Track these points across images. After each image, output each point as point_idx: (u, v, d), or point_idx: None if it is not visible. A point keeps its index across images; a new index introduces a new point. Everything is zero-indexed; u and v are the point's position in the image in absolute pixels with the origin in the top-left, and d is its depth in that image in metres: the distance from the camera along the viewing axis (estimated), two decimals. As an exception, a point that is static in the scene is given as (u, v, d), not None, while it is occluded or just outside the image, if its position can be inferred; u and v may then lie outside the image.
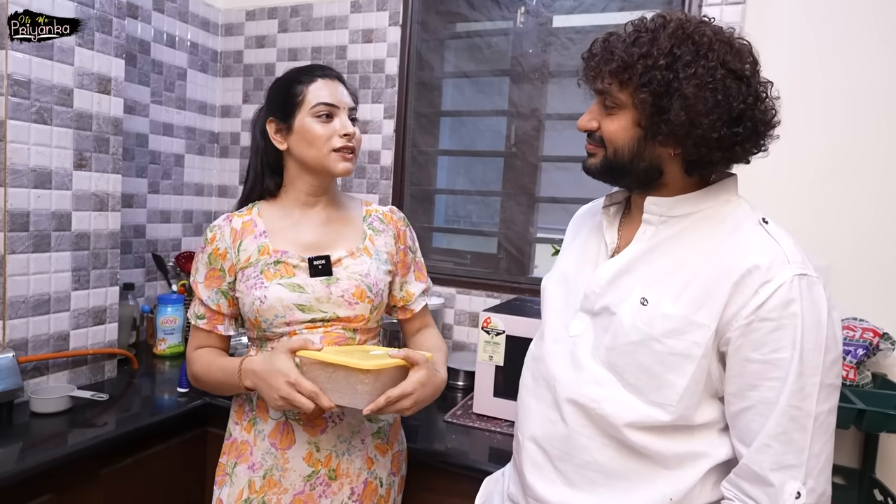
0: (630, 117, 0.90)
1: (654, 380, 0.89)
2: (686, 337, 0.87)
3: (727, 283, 0.85)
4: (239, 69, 2.43)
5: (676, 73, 0.84)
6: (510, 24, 2.04)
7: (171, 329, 2.06)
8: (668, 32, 0.87)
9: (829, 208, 1.68)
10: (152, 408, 1.65)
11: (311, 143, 1.18)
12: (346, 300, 1.19)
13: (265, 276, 1.18)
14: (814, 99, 1.67)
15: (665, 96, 0.85)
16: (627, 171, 0.94)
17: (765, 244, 0.87)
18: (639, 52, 0.86)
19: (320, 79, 1.20)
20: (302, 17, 2.30)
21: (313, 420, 1.18)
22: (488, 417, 1.67)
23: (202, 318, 1.25)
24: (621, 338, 0.91)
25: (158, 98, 2.21)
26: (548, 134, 2.02)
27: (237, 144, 2.46)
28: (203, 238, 1.26)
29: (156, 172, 2.24)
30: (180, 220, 2.36)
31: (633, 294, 0.92)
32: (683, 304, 0.88)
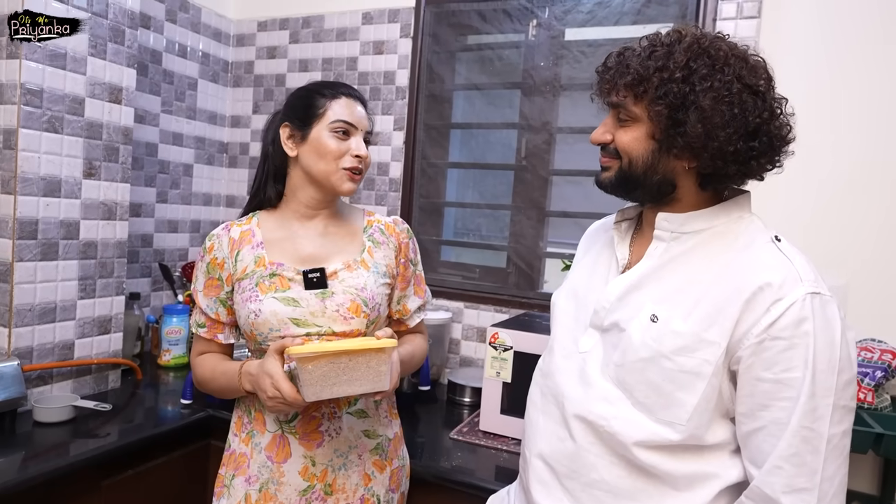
0: (644, 129, 0.90)
1: (664, 398, 0.87)
2: (696, 354, 0.85)
3: (738, 300, 0.83)
4: (249, 79, 2.44)
5: (693, 86, 0.84)
6: (522, 37, 2.04)
7: (176, 340, 2.05)
8: (683, 46, 0.87)
9: (846, 227, 1.64)
10: (155, 419, 1.63)
11: (322, 157, 1.17)
12: (340, 315, 1.17)
13: (260, 288, 1.16)
14: (827, 115, 1.65)
15: (681, 109, 0.85)
16: (641, 183, 0.93)
17: (777, 262, 0.85)
18: (654, 66, 0.86)
19: (345, 97, 1.20)
20: (314, 29, 2.30)
21: (310, 433, 1.16)
22: (495, 435, 1.64)
23: (202, 326, 1.24)
24: (631, 355, 0.90)
25: (169, 108, 2.22)
26: (559, 147, 2.00)
27: (246, 155, 2.46)
28: (202, 247, 1.25)
29: (164, 182, 2.24)
30: (188, 229, 2.36)
31: (643, 310, 0.91)
32: (694, 321, 0.86)
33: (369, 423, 1.22)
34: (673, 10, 1.83)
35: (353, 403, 1.20)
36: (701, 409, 0.85)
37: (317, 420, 1.16)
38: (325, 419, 1.17)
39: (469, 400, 1.91)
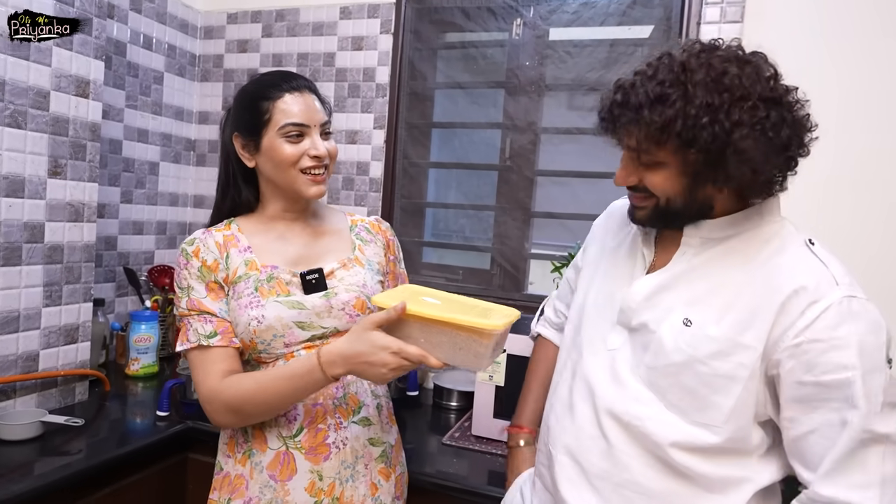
0: (674, 170, 0.87)
1: (699, 401, 0.87)
2: (732, 358, 0.84)
3: (773, 304, 0.83)
4: (219, 74, 2.33)
5: (722, 125, 0.80)
6: (506, 35, 2.01)
7: (146, 348, 1.94)
8: (696, 81, 0.81)
9: (838, 229, 1.68)
10: (130, 433, 1.54)
11: (279, 165, 1.11)
12: (346, 313, 1.13)
13: (260, 293, 1.10)
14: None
15: (717, 152, 0.81)
16: (681, 214, 0.91)
17: (811, 265, 0.85)
18: (673, 113, 0.81)
19: (288, 93, 1.11)
20: (288, 22, 2.22)
21: (317, 447, 1.10)
22: (488, 440, 1.61)
23: (214, 335, 1.09)
24: (663, 359, 0.89)
25: (133, 102, 2.10)
26: (544, 148, 1.99)
27: (215, 153, 2.35)
28: (182, 254, 1.13)
29: (129, 181, 2.12)
30: (154, 231, 2.24)
31: (673, 313, 0.90)
32: (727, 325, 0.85)
33: (374, 431, 1.17)
34: (657, 12, 1.85)
35: (357, 411, 1.15)
36: (738, 412, 0.85)
37: (323, 432, 1.11)
38: (332, 430, 1.11)
39: (456, 404, 1.88)
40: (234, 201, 1.20)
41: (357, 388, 1.16)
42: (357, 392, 1.16)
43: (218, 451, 1.20)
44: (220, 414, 1.08)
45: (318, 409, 1.11)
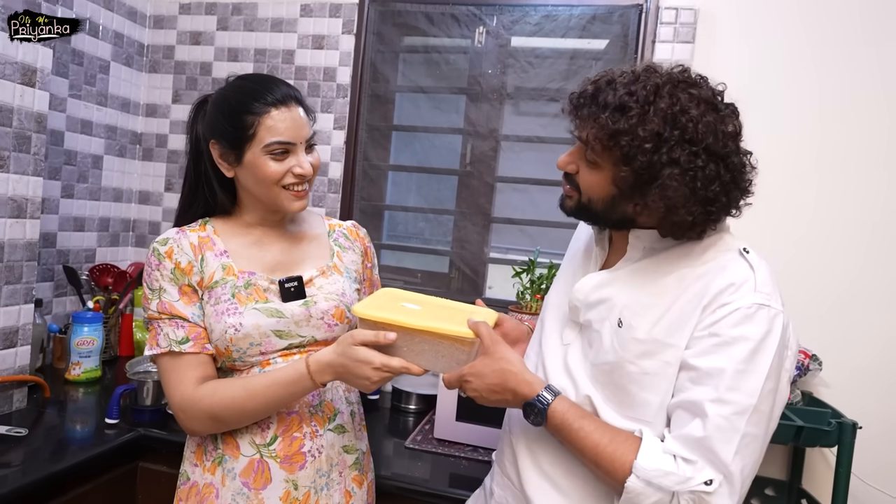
0: (608, 177, 0.91)
1: (630, 398, 0.92)
2: (658, 357, 0.90)
3: (699, 305, 0.88)
4: (169, 65, 2.24)
5: (660, 158, 0.84)
6: (469, 42, 2.04)
7: (88, 352, 1.84)
8: (657, 108, 0.85)
9: (771, 236, 1.80)
10: (76, 443, 1.46)
11: (261, 182, 1.08)
12: (325, 322, 1.12)
13: (238, 299, 1.07)
14: (758, 139, 1.80)
15: (645, 179, 0.86)
16: (601, 217, 0.98)
17: (739, 270, 0.89)
18: (626, 127, 0.85)
19: (274, 108, 1.05)
20: (245, 17, 2.16)
21: (292, 456, 1.09)
22: (450, 442, 1.63)
23: (186, 341, 1.06)
24: (602, 356, 0.95)
25: (77, 92, 1.98)
26: (504, 155, 2.03)
27: (163, 147, 2.26)
28: (153, 254, 1.09)
29: (71, 174, 2.00)
30: (95, 228, 2.13)
31: (612, 314, 0.95)
32: (659, 329, 0.90)
33: (348, 438, 1.17)
34: (615, 28, 1.92)
35: (332, 419, 1.14)
36: (665, 407, 0.89)
37: (299, 440, 1.09)
38: (308, 438, 1.10)
39: (415, 407, 1.88)
40: (206, 204, 1.16)
41: (333, 396, 1.15)
42: (333, 399, 1.15)
43: (184, 459, 1.16)
44: (198, 422, 1.05)
45: (294, 418, 1.10)
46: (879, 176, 1.74)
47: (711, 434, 0.82)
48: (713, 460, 0.83)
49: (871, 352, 1.75)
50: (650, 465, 0.84)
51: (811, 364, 1.71)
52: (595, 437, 0.90)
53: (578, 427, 0.90)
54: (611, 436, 0.90)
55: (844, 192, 1.76)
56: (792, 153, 1.79)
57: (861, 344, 1.75)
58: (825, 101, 1.77)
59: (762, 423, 0.85)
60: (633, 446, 0.87)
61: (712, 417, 0.83)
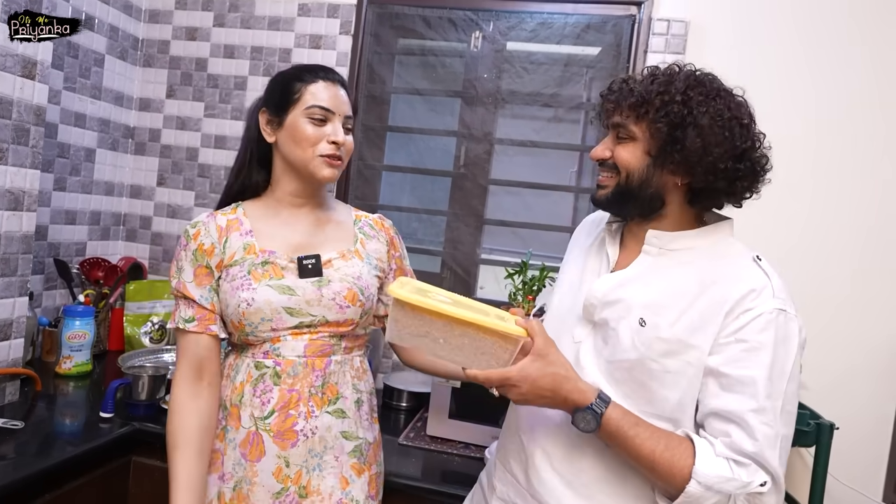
0: (641, 147, 0.99)
1: (649, 394, 0.96)
2: (680, 357, 0.94)
3: (721, 311, 0.93)
4: (164, 60, 2.24)
5: (690, 109, 0.94)
6: (465, 46, 2.07)
7: (80, 345, 1.83)
8: (682, 76, 0.98)
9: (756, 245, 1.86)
10: (71, 436, 1.46)
11: (298, 143, 1.15)
12: (336, 303, 1.15)
13: (253, 276, 1.13)
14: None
15: (680, 127, 0.94)
16: (635, 195, 1.01)
17: (756, 276, 0.96)
18: (657, 90, 0.96)
19: (322, 80, 1.16)
20: (242, 14, 2.17)
21: (284, 432, 1.12)
22: (443, 440, 1.66)
23: (191, 320, 1.14)
24: (620, 354, 0.98)
25: (72, 85, 1.97)
26: (498, 158, 2.07)
27: (156, 142, 2.26)
28: (183, 235, 1.18)
29: (63, 167, 1.99)
30: (87, 221, 2.12)
31: (631, 313, 0.98)
32: (680, 328, 0.95)
33: (348, 424, 1.18)
34: (609, 38, 1.96)
35: (333, 402, 1.16)
36: (683, 404, 0.95)
37: (293, 418, 1.12)
38: (302, 418, 1.12)
39: (406, 404, 1.91)
40: (243, 183, 1.23)
41: (338, 379, 1.17)
42: (338, 383, 1.17)
43: None
44: (169, 416, 1.15)
45: (293, 395, 1.13)
46: (865, 183, 1.81)
47: (762, 443, 0.88)
48: (764, 465, 0.88)
49: (851, 357, 1.82)
50: (710, 471, 0.88)
51: (791, 367, 1.77)
52: (650, 443, 0.91)
53: (634, 434, 0.92)
54: (665, 442, 0.92)
55: (836, 200, 1.83)
56: (783, 162, 1.83)
57: (841, 349, 1.82)
58: (815, 112, 1.83)
59: (791, 422, 0.92)
60: (688, 451, 0.90)
61: (758, 427, 0.88)
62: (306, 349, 1.14)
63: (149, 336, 2.08)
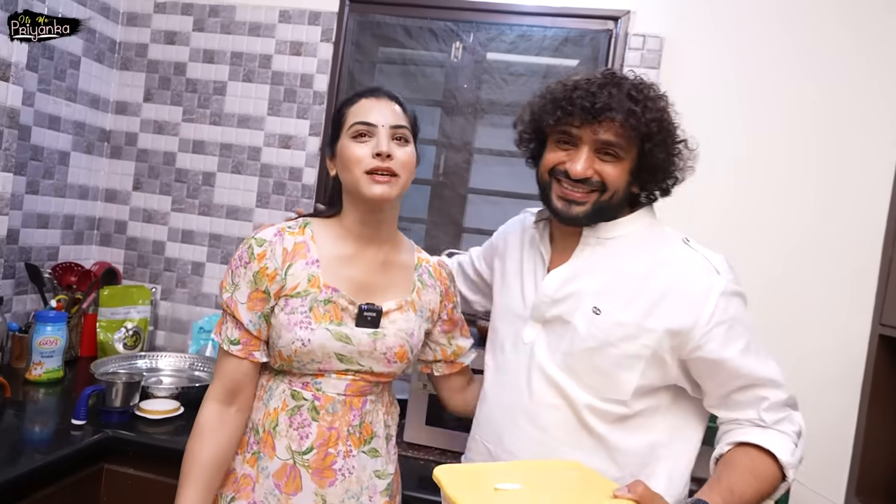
0: (628, 165, 1.04)
1: (610, 379, 1.01)
2: (638, 341, 1.00)
3: (674, 294, 1.00)
4: (142, 63, 2.22)
5: (663, 125, 1.03)
6: (446, 56, 2.10)
7: (51, 351, 1.80)
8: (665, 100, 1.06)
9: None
10: (41, 444, 1.44)
11: (346, 167, 1.09)
12: (387, 357, 1.13)
13: (314, 314, 1.08)
14: (717, 154, 1.92)
15: (649, 141, 1.02)
16: (612, 210, 1.06)
17: (696, 259, 1.03)
18: (653, 117, 1.01)
19: (364, 99, 1.12)
20: (222, 19, 2.16)
21: (323, 470, 1.10)
22: (419, 446, 1.67)
23: (236, 343, 1.10)
24: (578, 344, 1.02)
25: (47, 87, 1.95)
26: (477, 167, 2.09)
27: (133, 146, 2.23)
28: (246, 250, 1.10)
29: (36, 170, 1.96)
30: (60, 225, 2.09)
31: (583, 304, 1.03)
32: (634, 311, 1.00)
33: (380, 463, 1.18)
34: (587, 51, 2.01)
35: (368, 441, 1.15)
36: (642, 386, 1.01)
37: (332, 457, 1.10)
38: (341, 457, 1.11)
39: (383, 411, 1.91)
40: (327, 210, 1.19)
41: (372, 418, 1.17)
42: (372, 422, 1.16)
43: None
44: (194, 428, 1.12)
45: (332, 433, 1.11)
46: (831, 192, 1.87)
47: (784, 384, 1.02)
48: (791, 404, 1.03)
49: (813, 363, 1.87)
50: (789, 458, 0.98)
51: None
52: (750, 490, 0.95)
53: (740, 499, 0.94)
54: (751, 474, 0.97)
55: (803, 209, 1.89)
56: (753, 172, 1.91)
57: (804, 356, 1.87)
58: (785, 126, 1.89)
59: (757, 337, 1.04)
60: (764, 457, 0.98)
61: (774, 375, 1.01)
62: (347, 388, 1.12)
63: (122, 342, 2.05)
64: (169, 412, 1.60)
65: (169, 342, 2.21)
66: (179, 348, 2.16)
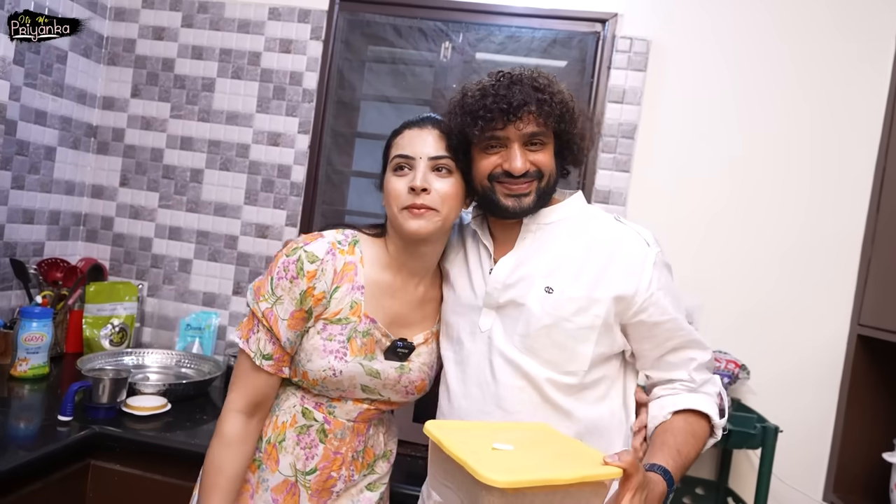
0: (552, 148, 1.10)
1: (568, 352, 1.06)
2: (589, 312, 1.06)
3: (614, 265, 1.07)
4: (129, 59, 2.21)
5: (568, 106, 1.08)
6: (435, 56, 2.11)
7: (37, 348, 1.79)
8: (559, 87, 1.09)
9: (705, 254, 1.95)
10: (27, 440, 1.43)
11: (387, 200, 1.08)
12: (407, 390, 1.15)
13: (351, 347, 1.07)
14: (705, 157, 1.95)
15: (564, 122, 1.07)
16: (549, 193, 1.11)
17: (629, 234, 1.10)
18: (560, 98, 1.06)
19: (408, 129, 1.10)
20: (211, 15, 2.16)
21: (321, 492, 1.12)
22: (407, 442, 1.68)
23: (269, 358, 1.07)
24: (534, 324, 1.06)
25: (33, 81, 1.93)
26: (465, 166, 2.10)
27: (120, 142, 2.22)
28: (295, 263, 1.05)
29: (22, 165, 1.95)
30: (45, 221, 2.07)
31: (535, 284, 1.07)
32: (583, 285, 1.06)
33: (375, 478, 1.21)
34: (574, 52, 2.03)
35: (370, 466, 1.19)
36: (596, 355, 1.07)
37: (333, 480, 1.12)
38: (342, 481, 1.13)
39: (371, 408, 1.92)
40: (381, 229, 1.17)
41: (374, 442, 1.19)
42: (373, 445, 1.19)
43: None
44: (214, 436, 1.11)
45: (337, 458, 1.12)
46: (816, 194, 1.92)
47: (706, 343, 1.12)
48: (710, 366, 1.13)
49: (793, 362, 1.91)
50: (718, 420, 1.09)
51: (740, 373, 1.86)
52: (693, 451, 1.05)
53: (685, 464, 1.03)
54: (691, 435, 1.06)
55: (783, 208, 1.93)
56: (737, 175, 1.94)
57: (783, 355, 1.92)
58: (770, 128, 1.93)
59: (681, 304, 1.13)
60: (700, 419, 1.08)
61: (695, 336, 1.11)
62: (359, 415, 1.14)
63: (109, 339, 2.04)
64: (156, 409, 1.61)
65: (155, 339, 2.21)
66: (166, 345, 2.16)
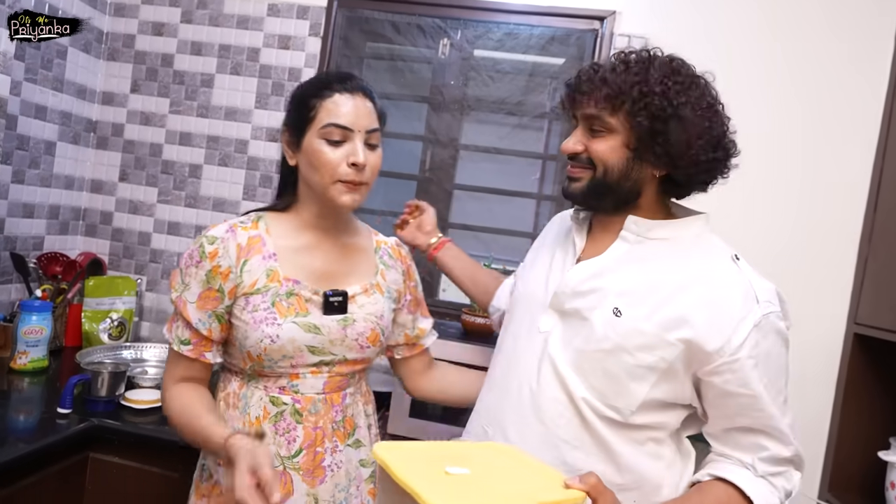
0: (620, 139, 0.96)
1: (618, 386, 0.95)
2: (656, 352, 0.93)
3: (703, 313, 0.92)
4: (129, 54, 2.21)
5: (671, 100, 0.92)
6: (433, 53, 2.11)
7: (36, 341, 1.81)
8: (657, 65, 0.95)
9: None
10: (27, 433, 1.44)
11: (315, 168, 1.05)
12: (359, 343, 1.13)
13: (278, 310, 1.06)
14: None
15: (660, 120, 0.92)
16: (612, 190, 0.98)
17: (738, 281, 0.95)
18: (633, 80, 0.93)
19: (339, 93, 1.05)
20: (210, 11, 2.16)
21: (313, 470, 1.10)
22: (403, 437, 1.70)
23: (187, 343, 1.08)
24: (593, 344, 0.96)
25: (33, 76, 1.94)
26: (463, 163, 2.12)
27: (119, 137, 2.23)
28: (197, 249, 1.07)
29: (22, 160, 1.96)
30: (45, 215, 2.08)
31: (605, 302, 0.96)
32: (657, 322, 0.93)
33: (364, 452, 1.19)
34: (573, 50, 2.03)
35: (352, 434, 1.16)
36: (649, 401, 0.94)
37: (321, 455, 1.11)
38: (329, 454, 1.12)
39: (368, 403, 1.94)
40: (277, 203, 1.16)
41: (354, 411, 1.17)
42: (354, 415, 1.17)
43: (207, 457, 1.15)
44: (166, 414, 1.10)
45: (318, 433, 1.11)
46: (807, 190, 1.92)
47: (795, 444, 0.97)
48: (799, 462, 0.98)
49: (789, 362, 1.91)
50: None
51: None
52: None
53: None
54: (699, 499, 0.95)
55: (776, 204, 1.93)
56: (732, 173, 1.93)
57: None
58: (768, 127, 1.92)
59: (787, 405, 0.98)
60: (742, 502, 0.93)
61: (786, 431, 0.95)
62: (325, 386, 1.12)
63: (108, 333, 2.06)
64: (154, 402, 1.62)
65: (154, 333, 2.22)
66: (164, 339, 2.16)
